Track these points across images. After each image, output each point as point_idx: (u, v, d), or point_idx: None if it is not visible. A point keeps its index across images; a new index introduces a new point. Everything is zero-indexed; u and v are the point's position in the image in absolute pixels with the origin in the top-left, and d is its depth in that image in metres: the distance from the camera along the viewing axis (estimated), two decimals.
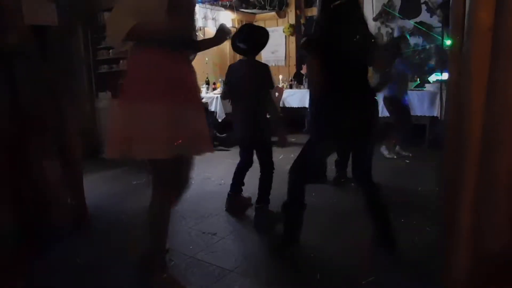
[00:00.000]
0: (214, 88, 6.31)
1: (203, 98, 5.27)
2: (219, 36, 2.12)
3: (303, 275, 2.20)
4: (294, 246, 2.43)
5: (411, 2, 6.17)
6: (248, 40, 2.85)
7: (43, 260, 2.35)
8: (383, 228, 2.36)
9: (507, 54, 1.19)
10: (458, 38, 1.62)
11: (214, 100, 5.70)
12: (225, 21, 6.35)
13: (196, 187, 3.55)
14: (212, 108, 5.72)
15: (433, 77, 5.60)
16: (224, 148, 5.48)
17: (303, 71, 6.78)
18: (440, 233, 2.02)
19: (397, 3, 6.31)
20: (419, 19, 6.09)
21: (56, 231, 2.60)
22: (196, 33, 2.18)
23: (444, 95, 4.64)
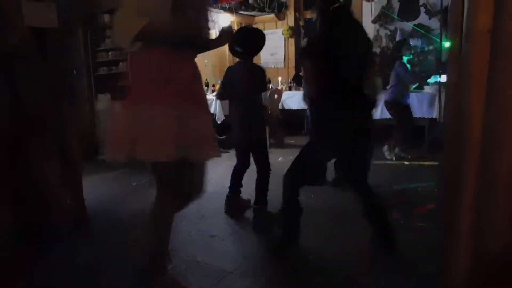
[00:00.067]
0: (213, 90, 6.31)
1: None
2: (224, 37, 2.09)
3: (303, 277, 2.19)
4: (293, 248, 2.44)
5: (410, 4, 6.19)
6: (244, 42, 2.86)
7: (43, 260, 2.35)
8: (381, 230, 2.36)
9: (506, 54, 1.20)
10: (457, 40, 1.63)
11: (213, 102, 5.70)
12: (224, 23, 6.36)
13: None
14: (211, 110, 5.71)
15: (432, 79, 5.61)
16: (223, 150, 5.45)
17: (302, 73, 6.78)
18: (440, 233, 2.02)
19: (395, 5, 6.34)
20: (417, 22, 6.12)
21: (55, 231, 2.59)
22: (210, 32, 2.12)
23: (443, 97, 4.64)
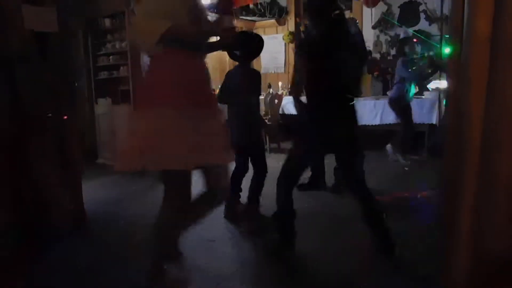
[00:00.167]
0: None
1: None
2: (225, 36, 2.01)
3: (302, 281, 2.18)
4: (289, 252, 2.43)
5: (410, 10, 6.23)
6: (243, 47, 2.88)
7: (43, 260, 2.35)
8: (380, 234, 2.35)
9: (505, 54, 1.21)
10: (457, 45, 1.64)
11: None
12: None
13: (194, 193, 3.53)
14: None
15: (432, 84, 5.62)
16: None
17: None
18: (440, 233, 2.02)
19: (396, 11, 6.37)
20: (418, 27, 6.15)
21: (55, 231, 2.59)
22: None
23: (442, 102, 4.66)
